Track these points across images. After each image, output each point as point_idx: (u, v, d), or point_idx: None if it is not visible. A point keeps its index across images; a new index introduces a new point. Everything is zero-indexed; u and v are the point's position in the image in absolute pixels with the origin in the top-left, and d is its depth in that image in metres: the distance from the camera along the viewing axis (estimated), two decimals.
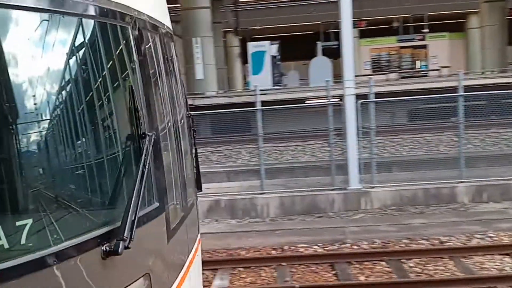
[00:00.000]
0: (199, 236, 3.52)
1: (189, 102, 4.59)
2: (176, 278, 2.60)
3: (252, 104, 11.30)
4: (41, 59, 1.75)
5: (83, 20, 1.90)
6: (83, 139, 2.00)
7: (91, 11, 1.93)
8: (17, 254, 1.54)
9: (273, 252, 8.07)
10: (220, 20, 25.71)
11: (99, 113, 2.07)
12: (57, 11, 1.75)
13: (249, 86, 24.00)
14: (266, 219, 10.20)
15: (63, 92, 1.88)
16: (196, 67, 21.59)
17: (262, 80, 18.12)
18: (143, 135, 2.17)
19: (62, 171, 1.87)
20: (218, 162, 14.69)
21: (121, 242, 1.83)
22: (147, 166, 2.07)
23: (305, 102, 16.82)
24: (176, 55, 3.34)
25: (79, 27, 1.90)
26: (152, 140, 2.19)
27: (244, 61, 29.21)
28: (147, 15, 2.46)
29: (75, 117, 1.90)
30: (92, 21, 1.96)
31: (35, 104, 1.71)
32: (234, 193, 10.82)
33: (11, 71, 1.60)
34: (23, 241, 1.58)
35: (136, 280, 2.05)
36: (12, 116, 1.61)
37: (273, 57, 22.69)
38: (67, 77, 1.88)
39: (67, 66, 1.88)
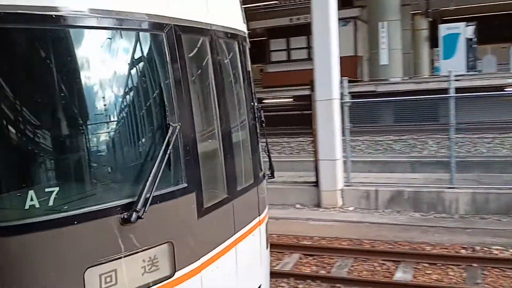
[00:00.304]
0: (258, 218, 3.79)
1: (371, 88, 4.69)
2: (209, 252, 2.96)
3: (441, 91, 10.50)
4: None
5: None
6: (120, 127, 2.60)
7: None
8: (47, 213, 2.19)
9: (463, 251, 7.49)
10: (409, 2, 24.38)
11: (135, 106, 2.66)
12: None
13: (438, 71, 22.37)
14: (455, 216, 9.47)
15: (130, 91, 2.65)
16: (380, 52, 21.00)
17: (454, 65, 16.62)
18: (168, 125, 2.60)
19: (98, 152, 2.48)
20: (401, 151, 14.17)
21: (134, 213, 2.34)
22: (168, 152, 2.55)
23: (504, 89, 15.04)
24: (246, 55, 3.83)
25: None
26: (176, 130, 2.60)
27: (433, 45, 27.29)
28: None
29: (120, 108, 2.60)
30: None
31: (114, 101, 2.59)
32: (419, 185, 10.28)
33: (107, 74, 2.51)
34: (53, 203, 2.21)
35: (159, 245, 2.56)
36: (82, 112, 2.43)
37: (468, 39, 20.66)
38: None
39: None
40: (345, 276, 6.80)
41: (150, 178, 2.44)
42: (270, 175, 4.17)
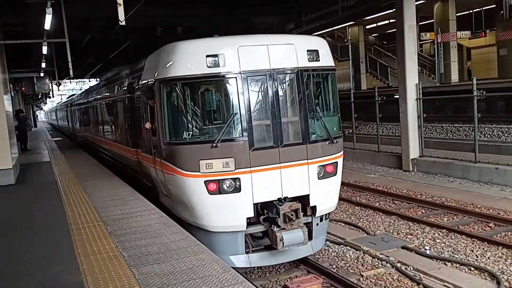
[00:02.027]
0: (306, 161, 6.75)
1: None
2: (257, 166, 6.49)
3: None
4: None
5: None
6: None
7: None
8: (188, 141, 6.80)
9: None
10: None
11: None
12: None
13: None
14: None
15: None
16: None
17: None
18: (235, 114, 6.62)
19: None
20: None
21: (213, 144, 6.40)
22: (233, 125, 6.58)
23: None
24: (334, 79, 7.50)
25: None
26: (235, 116, 6.56)
27: None
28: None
29: None
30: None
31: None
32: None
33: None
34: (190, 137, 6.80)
35: (228, 158, 6.39)
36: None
37: None
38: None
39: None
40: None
41: (221, 133, 6.45)
42: (330, 142, 7.04)
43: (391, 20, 25.77)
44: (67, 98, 36.40)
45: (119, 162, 12.01)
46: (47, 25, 11.57)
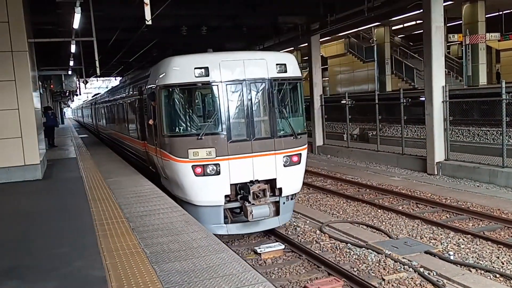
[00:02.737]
0: (274, 152, 8.35)
1: None
2: (234, 155, 8.11)
3: None
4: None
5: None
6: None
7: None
8: (179, 134, 8.57)
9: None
10: None
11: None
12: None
13: None
14: None
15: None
16: None
17: None
18: (219, 114, 8.32)
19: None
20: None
21: (199, 136, 8.12)
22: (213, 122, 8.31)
23: None
24: (301, 87, 9.10)
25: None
26: (218, 115, 8.30)
27: None
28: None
29: None
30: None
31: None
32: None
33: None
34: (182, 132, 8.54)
35: (210, 147, 8.08)
36: None
37: None
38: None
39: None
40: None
41: (205, 128, 8.24)
42: (294, 137, 8.65)
43: (418, 21, 25.41)
44: (91, 97, 37.41)
45: (131, 152, 13.89)
46: (76, 24, 11.79)
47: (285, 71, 8.67)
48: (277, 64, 8.62)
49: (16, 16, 10.59)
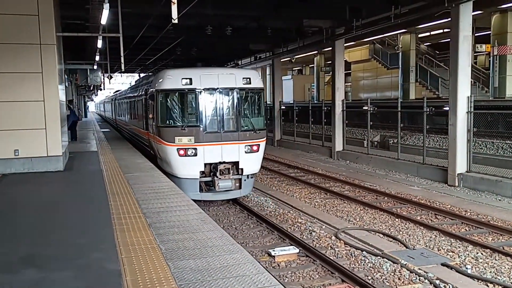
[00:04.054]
0: (238, 141, 11.24)
1: None
2: (208, 142, 11.02)
3: None
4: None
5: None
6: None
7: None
8: (185, 126, 11.37)
9: None
10: None
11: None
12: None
13: None
14: None
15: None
16: None
17: None
18: (197, 113, 11.41)
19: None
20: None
21: (181, 128, 11.12)
22: (193, 118, 11.38)
23: None
24: (262, 96, 12.11)
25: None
26: (196, 116, 11.36)
27: None
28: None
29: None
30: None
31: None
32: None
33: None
34: (173, 124, 11.50)
35: (191, 135, 10.98)
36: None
37: None
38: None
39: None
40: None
41: (187, 122, 11.30)
42: (254, 132, 11.49)
43: (446, 30, 25.03)
44: (113, 93, 38.59)
45: (139, 139, 16.82)
46: (104, 20, 11.97)
47: (249, 83, 11.57)
48: (243, 78, 11.54)
49: (46, 10, 10.81)
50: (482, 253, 8.08)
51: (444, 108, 15.11)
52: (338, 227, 9.62)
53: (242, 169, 11.27)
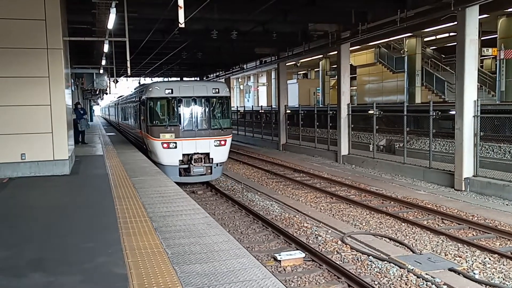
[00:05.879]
0: (209, 137, 14.50)
1: None
2: (184, 138, 14.28)
3: None
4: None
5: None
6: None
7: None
8: (164, 125, 14.91)
9: None
10: None
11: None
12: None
13: None
14: None
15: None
16: None
17: None
18: (180, 116, 14.73)
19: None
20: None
21: (165, 126, 14.46)
22: (175, 120, 14.55)
23: None
24: (229, 102, 15.85)
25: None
26: (182, 118, 14.57)
27: None
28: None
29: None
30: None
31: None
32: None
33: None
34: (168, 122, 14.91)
35: (171, 132, 14.27)
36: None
37: None
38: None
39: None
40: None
41: (169, 122, 14.56)
42: (224, 129, 14.89)
43: (452, 33, 24.97)
44: (116, 98, 39.53)
45: (135, 137, 20.09)
46: (110, 24, 12.03)
47: (218, 93, 14.83)
48: (213, 88, 14.85)
49: (53, 15, 10.88)
50: (490, 258, 8.02)
51: (450, 112, 15.04)
52: (344, 232, 9.59)
53: (212, 158, 14.40)
